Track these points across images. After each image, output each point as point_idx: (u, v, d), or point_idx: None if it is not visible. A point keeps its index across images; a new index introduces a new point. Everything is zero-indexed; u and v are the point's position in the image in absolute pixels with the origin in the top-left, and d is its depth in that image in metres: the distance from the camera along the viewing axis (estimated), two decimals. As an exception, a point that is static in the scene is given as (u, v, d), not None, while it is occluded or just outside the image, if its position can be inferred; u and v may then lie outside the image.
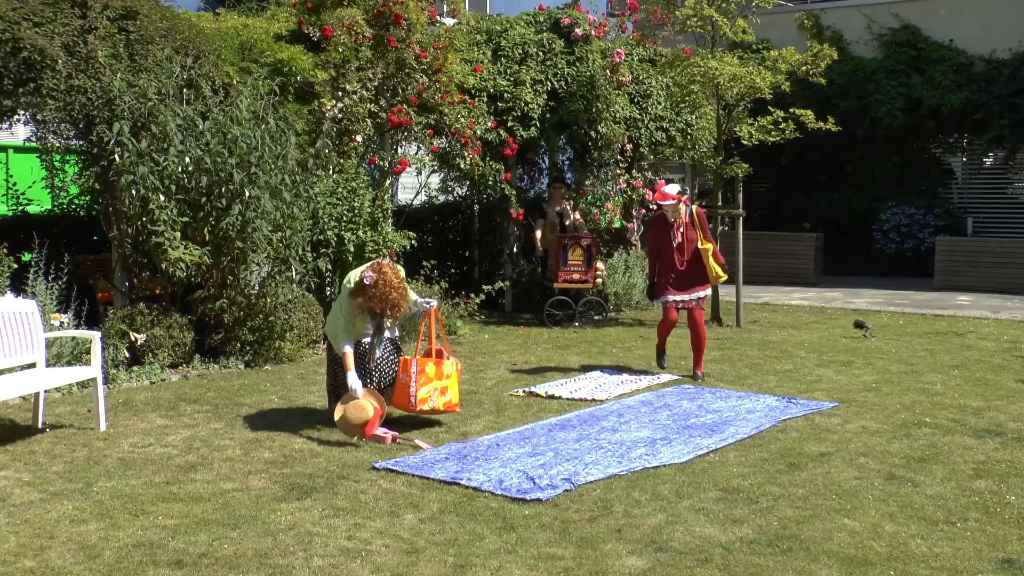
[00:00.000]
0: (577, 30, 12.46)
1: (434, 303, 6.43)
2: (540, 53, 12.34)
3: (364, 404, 6.11)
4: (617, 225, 14.23)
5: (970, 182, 17.63)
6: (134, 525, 4.64)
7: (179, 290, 8.88)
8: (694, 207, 8.29)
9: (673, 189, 8.22)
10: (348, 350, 6.29)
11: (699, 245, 8.16)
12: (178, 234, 8.13)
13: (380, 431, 6.19)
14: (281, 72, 9.45)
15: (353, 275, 6.39)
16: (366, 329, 6.44)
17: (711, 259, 8.16)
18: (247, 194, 8.33)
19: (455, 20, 13.19)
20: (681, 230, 8.16)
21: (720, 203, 12.18)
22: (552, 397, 7.61)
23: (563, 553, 4.34)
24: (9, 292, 7.46)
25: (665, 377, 8.39)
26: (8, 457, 5.77)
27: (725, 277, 8.31)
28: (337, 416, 6.13)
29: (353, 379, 6.25)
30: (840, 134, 13.73)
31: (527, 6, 13.20)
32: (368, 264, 6.39)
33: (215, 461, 5.71)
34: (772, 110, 11.60)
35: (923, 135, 17.42)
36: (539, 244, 11.97)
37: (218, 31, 9.38)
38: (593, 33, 12.61)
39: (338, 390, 6.50)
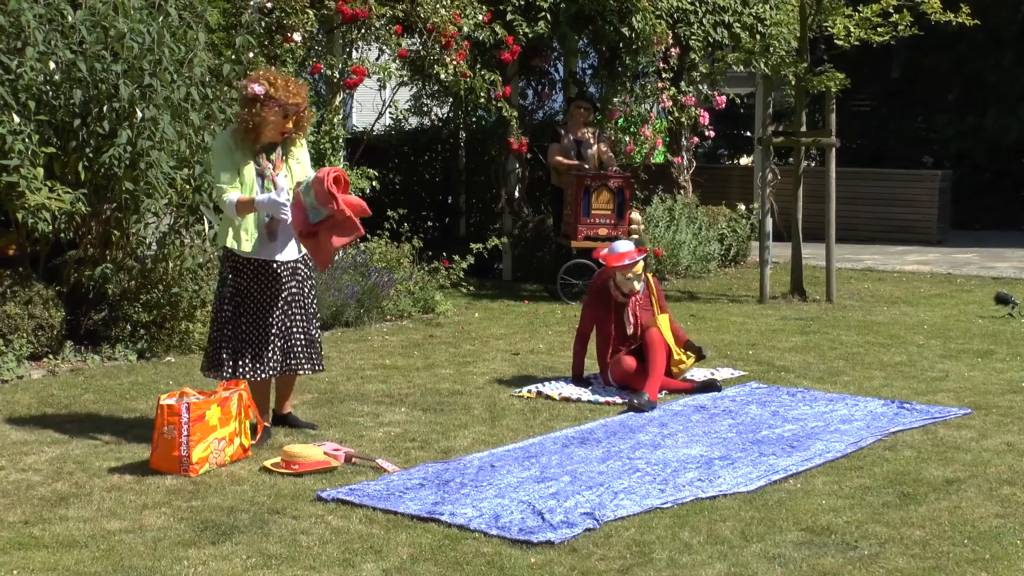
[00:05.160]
0: None
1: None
2: (552, -85, 12.25)
3: (316, 451, 6.09)
4: (659, 159, 14.19)
5: None
6: (-19, 579, 4.63)
7: (43, 250, 8.84)
8: (650, 275, 8.11)
9: (626, 245, 7.99)
10: (238, 196, 6.30)
11: (652, 322, 7.83)
12: (41, 171, 8.08)
13: (328, 447, 6.17)
14: (185, -59, 9.35)
15: (215, 139, 6.50)
16: (258, 188, 6.39)
17: (669, 333, 7.86)
18: (139, 115, 8.28)
19: None
20: (634, 312, 7.90)
21: (804, 128, 12.12)
22: (568, 400, 7.61)
23: (584, 618, 4.34)
24: None
25: (724, 373, 8.38)
26: None
27: (690, 363, 7.98)
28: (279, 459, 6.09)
29: (266, 196, 6.26)
30: (979, 30, 13.63)
31: None
32: (244, 83, 6.45)
33: (95, 491, 5.68)
34: (880, -5, 11.53)
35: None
36: (558, 161, 11.80)
37: None
38: None
39: (234, 335, 6.45)
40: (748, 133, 20.49)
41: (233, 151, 6.39)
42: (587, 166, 11.66)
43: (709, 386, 7.84)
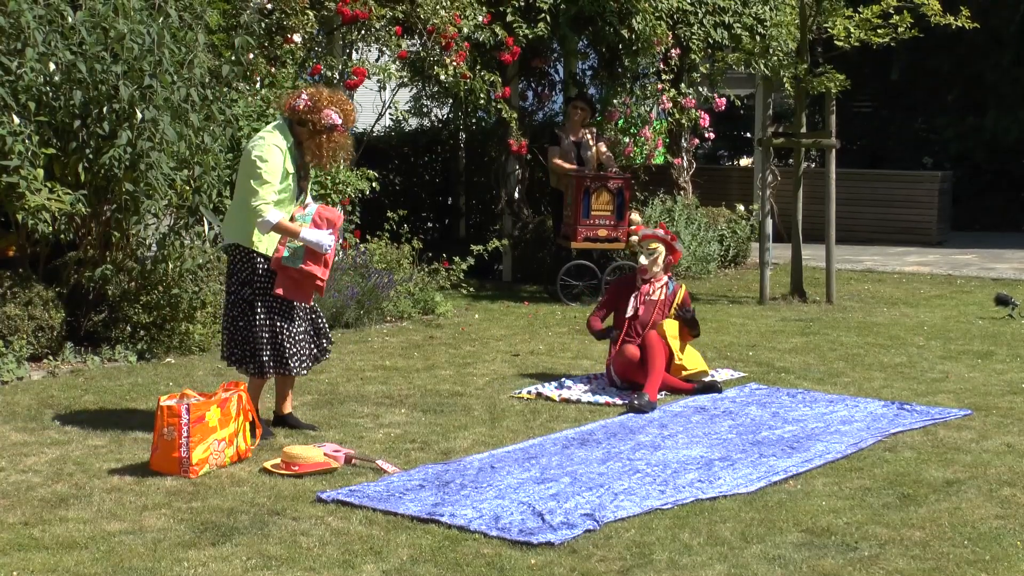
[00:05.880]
0: None
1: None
2: (552, -83, 12.26)
3: (316, 452, 6.09)
4: (659, 160, 14.19)
5: None
6: (-19, 581, 4.63)
7: (43, 251, 8.84)
8: (683, 289, 8.17)
9: (661, 228, 8.30)
10: (280, 218, 6.35)
11: (657, 325, 7.91)
12: (41, 171, 8.07)
13: (328, 448, 6.17)
14: (185, -57, 9.35)
15: (269, 137, 6.38)
16: (297, 210, 6.50)
17: (676, 338, 7.87)
18: (139, 116, 8.28)
19: None
20: (647, 299, 8.01)
21: (804, 130, 12.12)
22: (568, 401, 7.62)
23: (584, 619, 4.34)
24: None
25: (724, 374, 8.38)
26: None
27: (691, 370, 7.94)
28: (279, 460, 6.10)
29: (314, 233, 6.33)
30: (979, 31, 13.61)
31: None
32: (300, 101, 6.40)
33: (95, 492, 5.69)
34: (880, -3, 11.53)
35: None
36: (557, 164, 11.81)
37: None
38: None
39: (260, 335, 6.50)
40: (748, 134, 20.50)
41: (284, 164, 6.40)
42: (587, 170, 11.66)
43: (709, 387, 7.85)
